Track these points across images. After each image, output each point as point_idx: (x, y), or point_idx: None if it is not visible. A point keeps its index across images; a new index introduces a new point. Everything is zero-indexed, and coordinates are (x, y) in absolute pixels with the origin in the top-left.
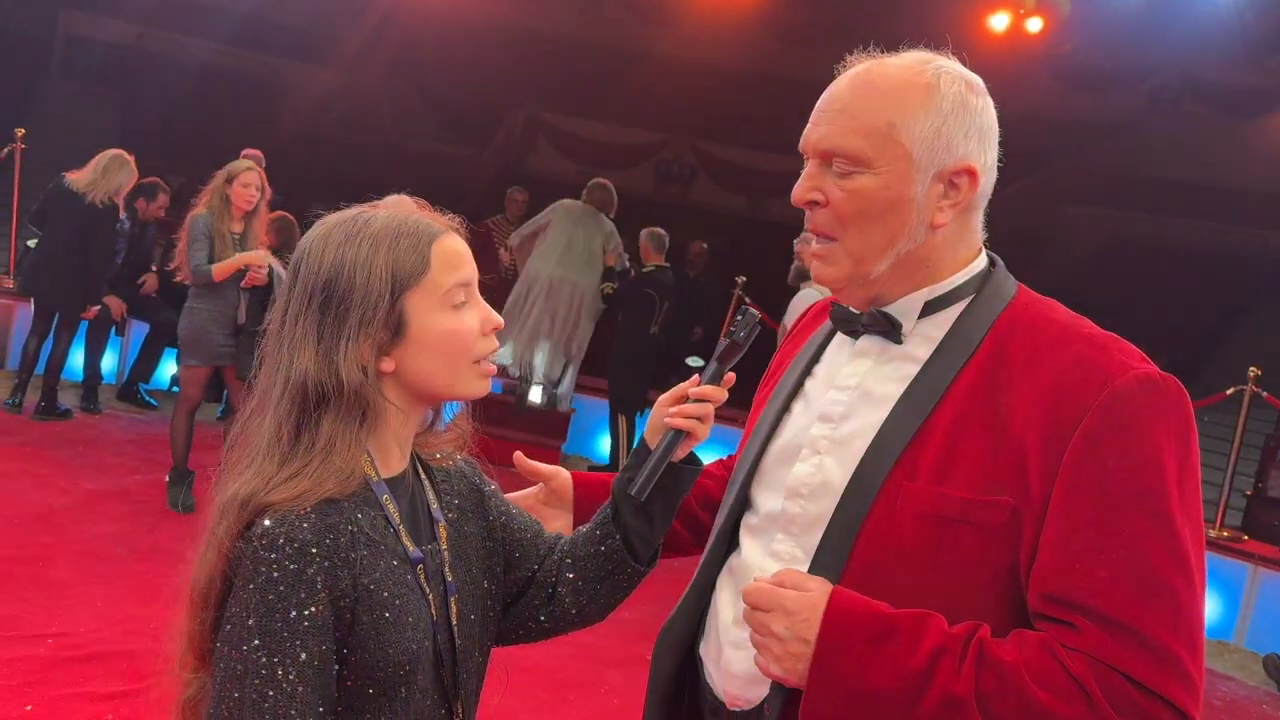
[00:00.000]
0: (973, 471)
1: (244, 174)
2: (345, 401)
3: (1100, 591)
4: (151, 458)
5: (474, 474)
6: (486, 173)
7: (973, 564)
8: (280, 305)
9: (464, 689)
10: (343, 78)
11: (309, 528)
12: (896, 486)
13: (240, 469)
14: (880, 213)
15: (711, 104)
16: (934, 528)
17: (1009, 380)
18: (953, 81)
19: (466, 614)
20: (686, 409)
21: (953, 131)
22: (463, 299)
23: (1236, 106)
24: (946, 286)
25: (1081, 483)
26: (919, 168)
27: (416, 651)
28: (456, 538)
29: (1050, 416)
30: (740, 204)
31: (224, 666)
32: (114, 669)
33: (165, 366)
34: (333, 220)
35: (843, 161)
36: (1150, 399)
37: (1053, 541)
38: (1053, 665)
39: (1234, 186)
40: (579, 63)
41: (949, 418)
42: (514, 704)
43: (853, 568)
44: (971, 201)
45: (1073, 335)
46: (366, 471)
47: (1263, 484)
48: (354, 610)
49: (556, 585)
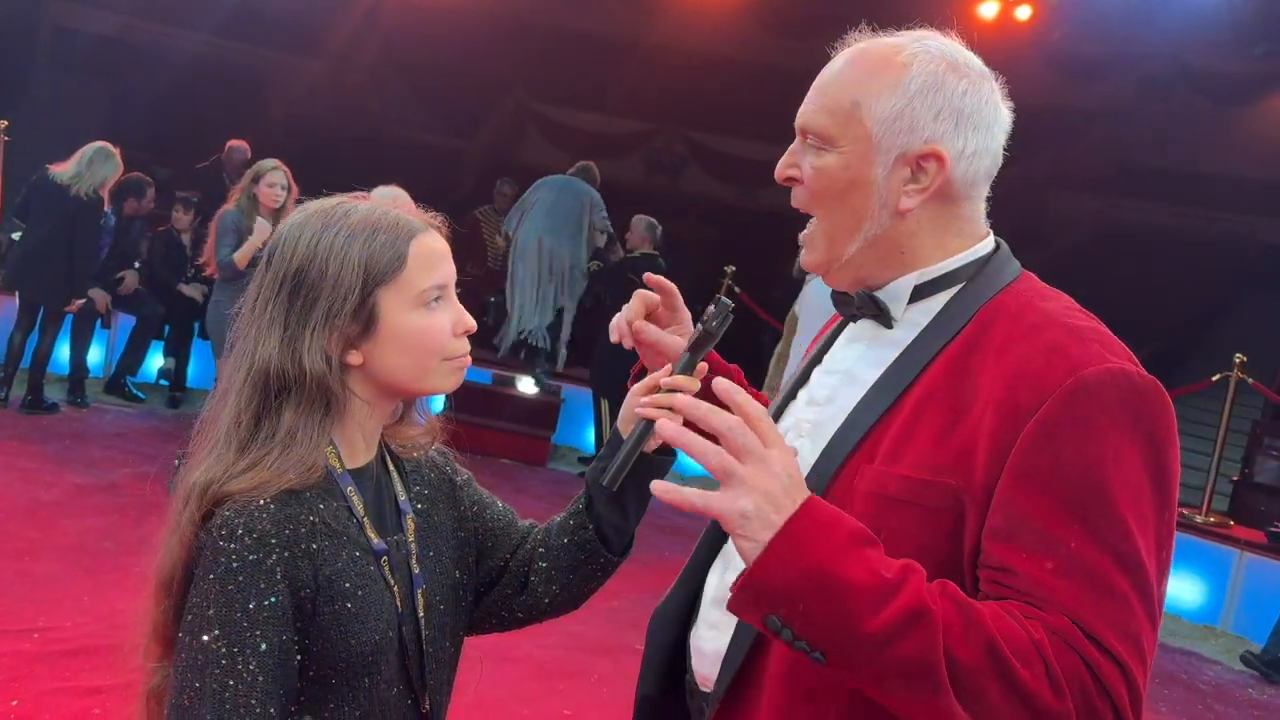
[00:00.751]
0: (922, 452)
1: (270, 173)
2: (307, 392)
3: (1049, 585)
4: (139, 451)
5: (446, 464)
6: (476, 163)
7: (915, 548)
8: (253, 289)
9: (432, 679)
10: (331, 68)
11: (268, 518)
12: (855, 469)
13: (201, 456)
14: (841, 192)
15: (702, 94)
16: (878, 507)
17: (980, 363)
18: (929, 61)
19: (435, 605)
20: (658, 399)
21: (917, 113)
22: (437, 298)
23: (1224, 94)
24: (937, 271)
25: (1031, 472)
26: (879, 149)
27: (380, 642)
28: (425, 528)
29: (1008, 399)
30: (730, 193)
31: (185, 656)
32: (100, 663)
33: (152, 359)
34: (313, 207)
35: (814, 139)
36: (1121, 395)
37: (997, 529)
38: (1012, 625)
39: (1221, 174)
40: (569, 52)
41: (915, 399)
42: (503, 694)
43: None
44: (949, 189)
45: (1053, 322)
46: (330, 463)
47: (1249, 469)
48: (314, 601)
49: (529, 575)
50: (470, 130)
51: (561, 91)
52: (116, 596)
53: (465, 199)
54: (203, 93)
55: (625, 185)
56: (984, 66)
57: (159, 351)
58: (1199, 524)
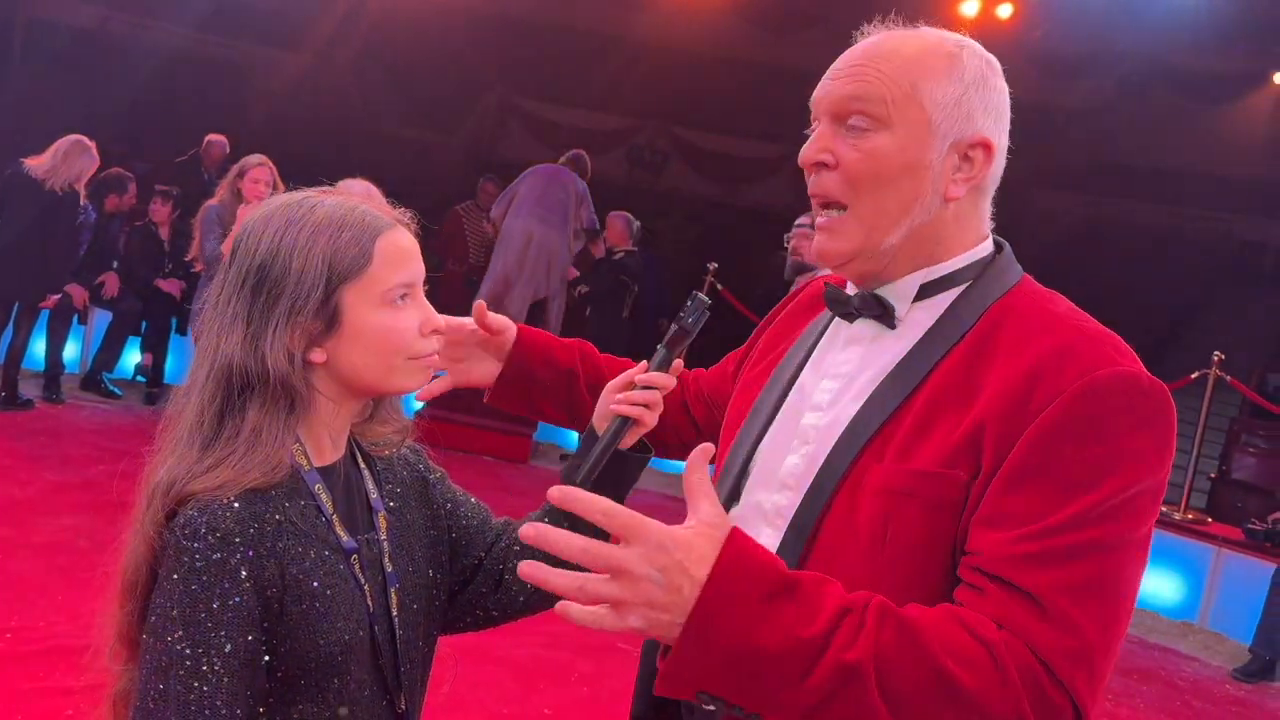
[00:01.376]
0: (935, 446)
1: (254, 169)
2: (271, 390)
3: (1027, 568)
4: (115, 448)
5: (418, 461)
6: (458, 158)
7: (918, 543)
8: (217, 284)
9: (407, 679)
10: (313, 62)
11: (232, 517)
12: (864, 468)
13: (165, 453)
14: (894, 176)
15: (685, 90)
16: (884, 503)
17: (989, 361)
18: (975, 55)
19: (408, 603)
20: (633, 395)
21: (973, 103)
22: (403, 296)
23: (1203, 93)
24: (945, 269)
25: (1031, 460)
26: (937, 134)
27: (350, 642)
28: (398, 526)
29: (1020, 395)
30: (713, 190)
31: (149, 658)
32: (74, 663)
33: (129, 355)
34: (278, 201)
35: (861, 118)
36: (1130, 399)
37: (984, 514)
38: (960, 632)
39: (1200, 172)
40: (552, 47)
41: (925, 397)
42: (483, 694)
43: (815, 553)
44: (984, 180)
45: (1066, 324)
46: (297, 460)
47: (1226, 467)
48: (282, 600)
49: (504, 573)
50: (452, 125)
51: (544, 87)
52: (92, 596)
53: (447, 195)
54: (181, 87)
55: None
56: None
57: (136, 347)
58: (1177, 521)
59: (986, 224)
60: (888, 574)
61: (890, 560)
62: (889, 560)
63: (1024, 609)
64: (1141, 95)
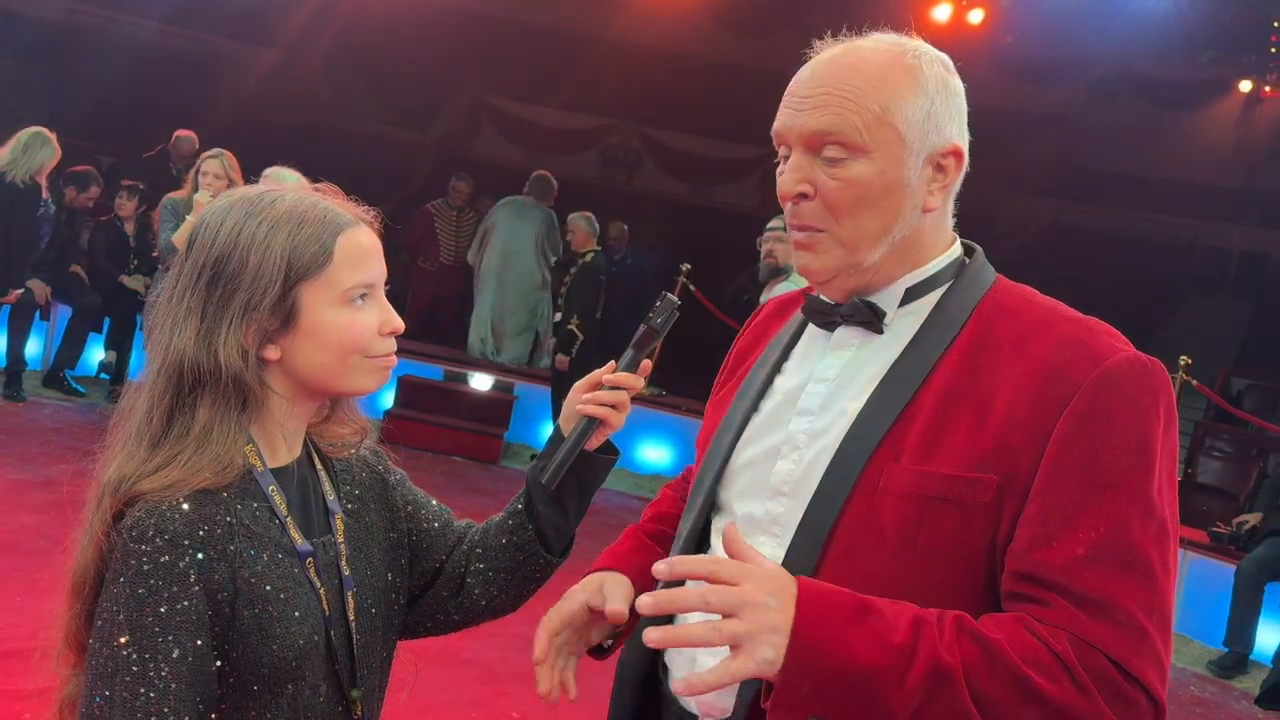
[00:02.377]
0: (958, 449)
1: (205, 162)
2: (223, 387)
3: (1078, 569)
4: (77, 446)
5: (378, 462)
6: (429, 156)
7: (952, 546)
8: (172, 276)
9: (364, 683)
10: (284, 58)
11: (181, 518)
12: (878, 469)
13: (114, 451)
14: (876, 198)
15: (658, 90)
16: (915, 507)
17: (995, 361)
18: (932, 62)
19: (366, 608)
20: (600, 396)
21: (939, 112)
22: (363, 296)
23: (1170, 100)
24: (927, 272)
25: (1068, 462)
26: (911, 150)
27: (305, 647)
28: (355, 529)
29: (1039, 394)
30: (685, 191)
31: (95, 664)
32: (33, 666)
33: (92, 352)
34: (238, 194)
35: (836, 148)
36: (1139, 381)
37: (1032, 519)
38: (1034, 642)
39: (1166, 178)
40: (525, 46)
41: (933, 397)
42: (451, 697)
43: (831, 556)
44: (955, 184)
45: (1058, 317)
46: (251, 461)
47: (1192, 470)
48: (233, 605)
49: (466, 576)
50: (424, 123)
51: (517, 85)
52: (51, 597)
53: (419, 192)
54: (150, 80)
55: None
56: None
57: (100, 344)
58: None
59: (950, 224)
60: (918, 576)
61: (920, 562)
62: (919, 562)
63: (1087, 613)
64: (1109, 101)
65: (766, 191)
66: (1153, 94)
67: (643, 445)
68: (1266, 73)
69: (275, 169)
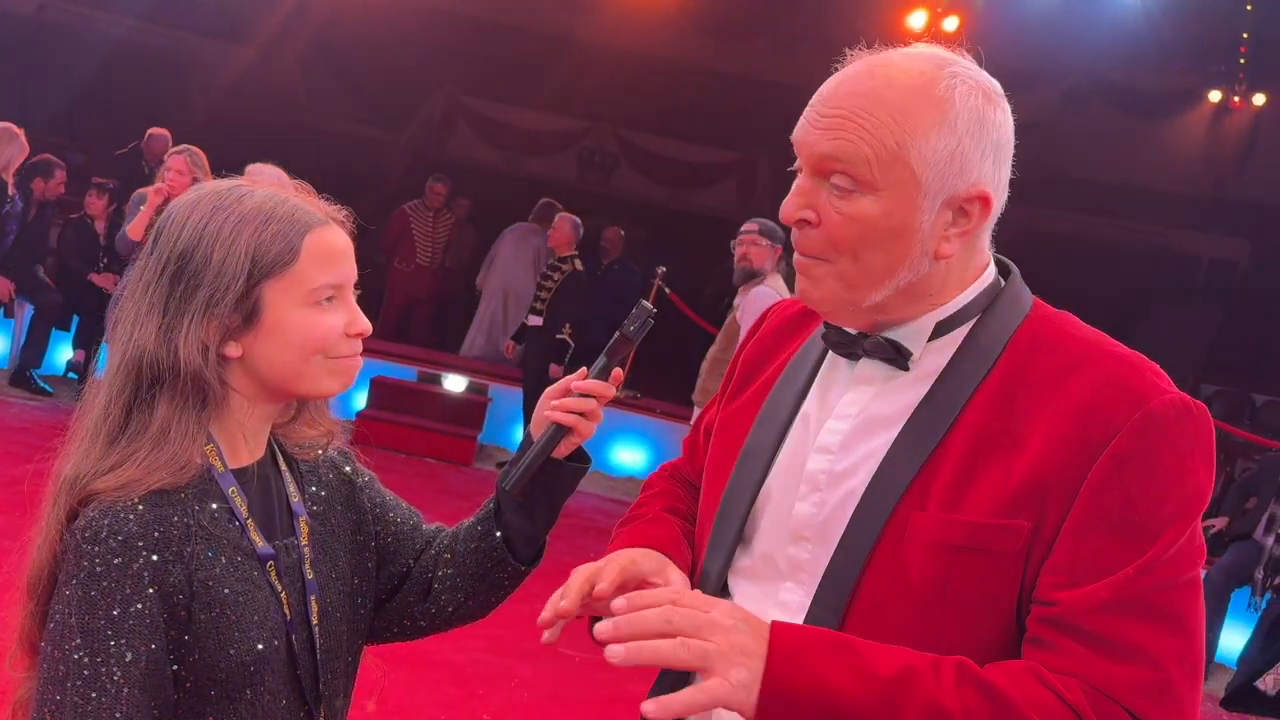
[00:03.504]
0: (987, 495)
1: (172, 158)
2: (182, 384)
3: (1102, 614)
4: (43, 446)
5: (345, 463)
6: (405, 157)
7: (983, 597)
8: (136, 269)
9: (327, 690)
10: (259, 56)
11: (135, 519)
12: (904, 518)
13: (72, 448)
14: (879, 241)
15: (635, 93)
16: (943, 558)
17: (1030, 399)
18: (969, 94)
19: (330, 612)
20: (569, 403)
21: (967, 154)
22: (330, 298)
23: (1141, 108)
24: (955, 306)
25: (1103, 505)
26: (927, 194)
27: (264, 652)
28: (321, 532)
29: (1077, 435)
30: (662, 194)
31: (46, 667)
32: None
33: (58, 350)
34: (207, 188)
35: (843, 179)
36: (1184, 425)
37: (1059, 564)
38: (1044, 692)
39: (1139, 185)
40: (502, 47)
41: (963, 440)
42: (421, 700)
43: (857, 608)
44: (982, 228)
45: (1101, 353)
46: (210, 461)
47: None
48: (189, 608)
49: (433, 582)
50: (400, 123)
51: (494, 87)
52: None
53: (394, 193)
54: (123, 78)
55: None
56: (998, 85)
57: (68, 343)
58: None
59: (987, 253)
60: (945, 629)
61: (950, 615)
62: (949, 615)
63: (1104, 658)
64: (1082, 109)
65: (743, 196)
66: (1124, 102)
67: (616, 448)
68: (1235, 83)
69: (258, 166)
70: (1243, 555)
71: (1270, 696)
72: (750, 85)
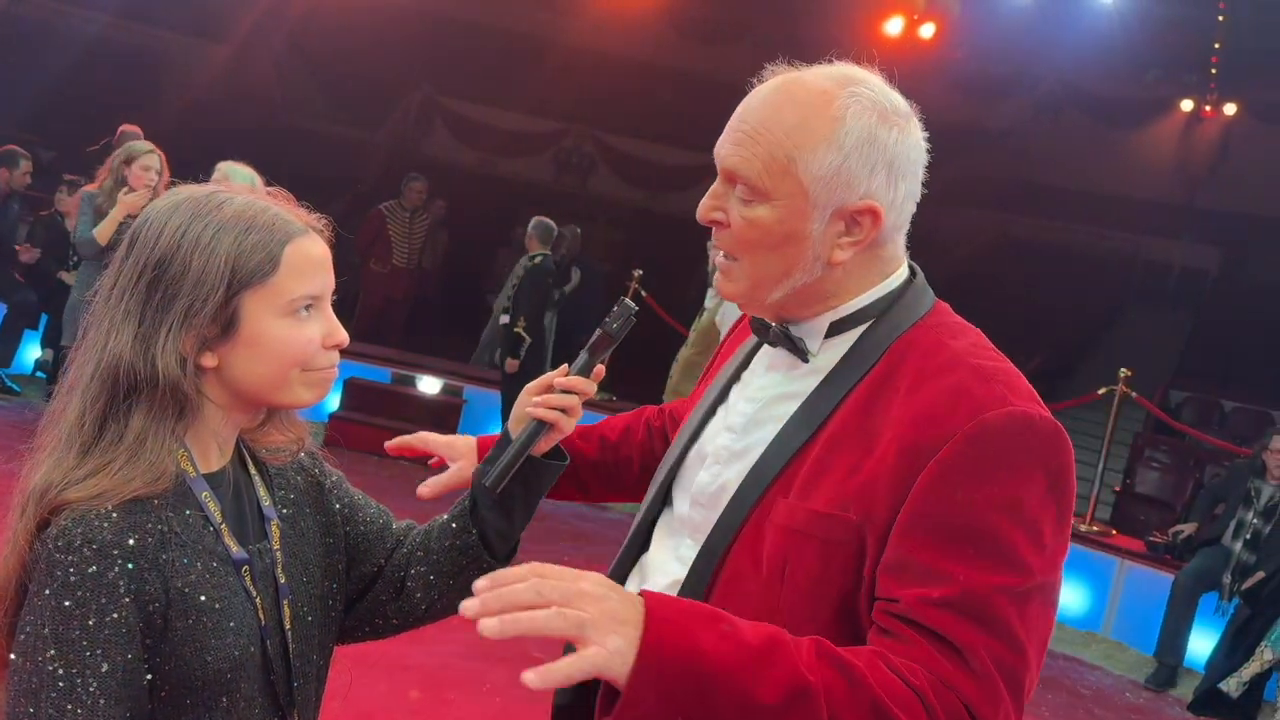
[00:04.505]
0: (831, 487)
1: (144, 156)
2: (159, 395)
3: (936, 613)
4: (10, 447)
5: (314, 465)
6: (380, 156)
7: (814, 581)
8: (111, 274)
9: (300, 695)
10: (234, 54)
11: (110, 527)
12: (771, 502)
13: (42, 456)
14: (774, 244)
15: (613, 96)
16: (785, 540)
17: (889, 401)
18: (862, 113)
19: (302, 616)
20: (550, 399)
21: (854, 169)
22: (308, 308)
23: (1114, 117)
24: (850, 308)
25: (928, 510)
26: (815, 205)
27: (240, 658)
28: (291, 535)
29: (911, 438)
30: (639, 196)
31: (17, 680)
32: None
33: (28, 349)
34: (184, 193)
35: (743, 189)
36: (1020, 438)
37: (891, 563)
38: (891, 676)
39: (1111, 194)
40: (479, 47)
41: (827, 435)
42: (391, 705)
43: (722, 578)
44: (876, 239)
45: (961, 363)
46: (184, 468)
47: (1131, 480)
48: (166, 616)
49: (406, 580)
50: (376, 123)
51: (470, 87)
52: None
53: (370, 193)
54: (95, 75)
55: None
56: (907, 106)
57: (37, 342)
58: (1083, 533)
59: (893, 263)
60: (783, 609)
61: (789, 596)
62: (785, 597)
63: (946, 657)
64: (1056, 118)
65: None
66: (1098, 111)
67: None
68: (1207, 93)
69: (228, 164)
70: (1211, 560)
71: (1234, 699)
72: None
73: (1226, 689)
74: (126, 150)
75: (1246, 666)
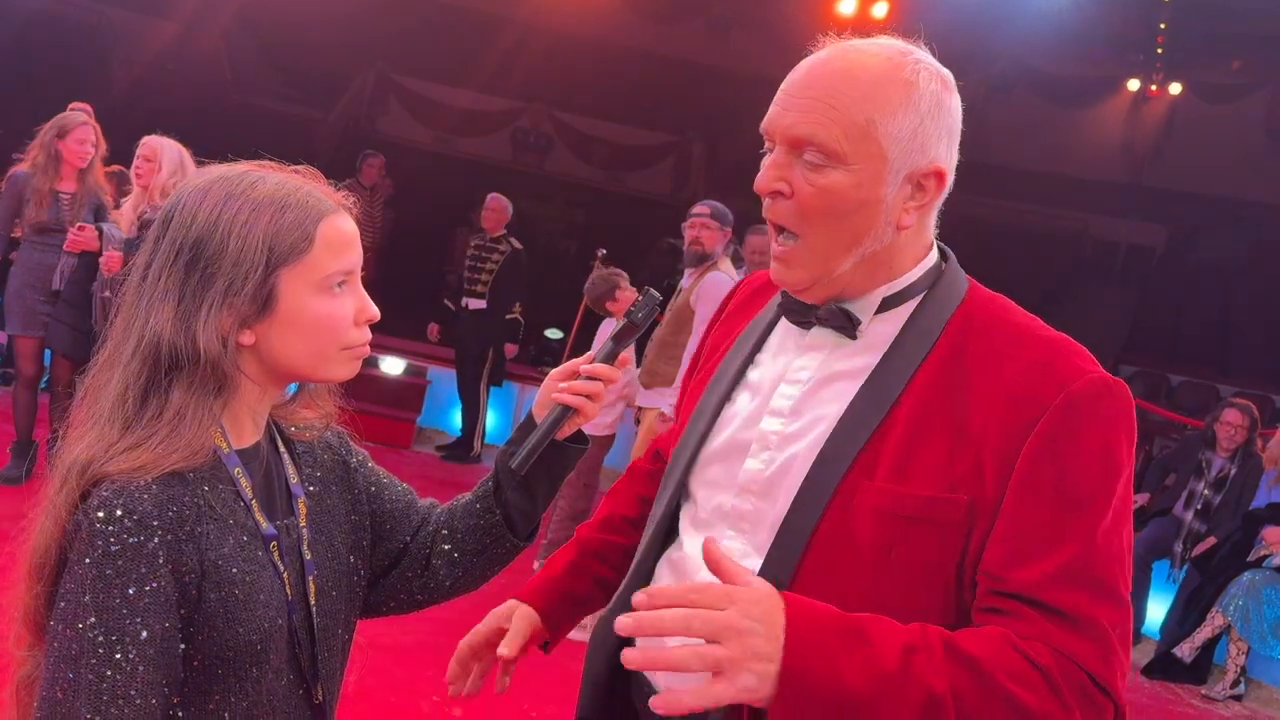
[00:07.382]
0: (931, 469)
1: (78, 129)
2: (200, 372)
3: (1052, 587)
4: None
5: (340, 444)
6: (333, 134)
7: (926, 564)
8: (145, 252)
9: (324, 668)
10: (182, 30)
11: (149, 499)
12: (854, 485)
13: (83, 430)
14: (848, 211)
15: (570, 74)
16: (890, 526)
17: (967, 379)
18: (930, 79)
19: (327, 590)
20: (576, 386)
21: (928, 133)
22: (342, 284)
23: (1064, 96)
24: (902, 283)
25: (1037, 481)
26: (892, 168)
27: (269, 630)
28: (317, 512)
29: (1009, 416)
30: (598, 176)
31: (58, 646)
32: None
33: None
34: (216, 173)
35: (816, 153)
36: (1104, 402)
37: (1004, 536)
38: (1019, 658)
39: (1060, 172)
40: (434, 24)
41: (907, 415)
42: (370, 684)
43: (806, 569)
44: (936, 203)
45: (1029, 337)
46: (217, 443)
47: None
48: (200, 587)
49: (432, 557)
50: (328, 100)
51: (425, 65)
52: None
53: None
54: (40, 51)
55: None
56: (951, 75)
57: None
58: None
59: (932, 233)
60: (893, 592)
61: (896, 579)
62: (895, 580)
63: (1060, 628)
64: (1007, 97)
65: (678, 178)
66: (1046, 90)
67: None
68: (1153, 72)
69: (153, 138)
70: (1162, 530)
71: (1187, 664)
72: (685, 68)
73: (1180, 654)
74: (58, 124)
75: (1199, 631)
